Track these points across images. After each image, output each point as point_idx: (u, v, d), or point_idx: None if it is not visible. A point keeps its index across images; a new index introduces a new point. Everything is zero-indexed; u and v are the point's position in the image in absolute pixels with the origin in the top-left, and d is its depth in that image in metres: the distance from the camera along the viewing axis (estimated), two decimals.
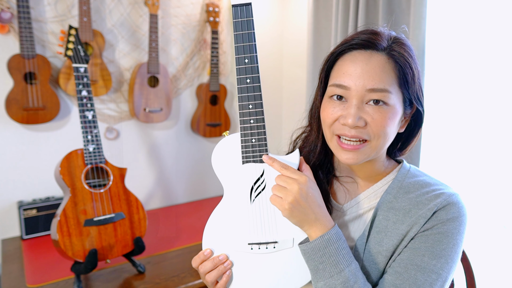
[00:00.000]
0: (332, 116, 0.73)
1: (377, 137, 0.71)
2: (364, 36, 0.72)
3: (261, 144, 0.74)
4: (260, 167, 0.75)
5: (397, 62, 0.71)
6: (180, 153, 2.31)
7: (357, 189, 0.82)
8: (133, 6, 2.00)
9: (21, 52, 1.67)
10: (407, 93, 0.72)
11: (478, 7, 1.47)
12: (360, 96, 0.70)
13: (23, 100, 1.70)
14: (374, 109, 0.70)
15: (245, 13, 0.71)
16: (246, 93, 0.72)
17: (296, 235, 0.75)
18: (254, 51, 0.71)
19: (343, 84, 0.71)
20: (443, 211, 0.71)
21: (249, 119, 0.73)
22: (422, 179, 0.77)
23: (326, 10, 2.06)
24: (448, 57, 1.58)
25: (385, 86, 0.69)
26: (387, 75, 0.70)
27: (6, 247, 1.74)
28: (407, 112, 0.75)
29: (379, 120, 0.69)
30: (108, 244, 1.41)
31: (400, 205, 0.75)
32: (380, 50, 0.71)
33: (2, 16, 1.66)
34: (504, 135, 1.45)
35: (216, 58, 2.19)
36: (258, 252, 0.76)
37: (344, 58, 0.73)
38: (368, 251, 0.75)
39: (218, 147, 0.77)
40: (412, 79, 0.72)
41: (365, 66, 0.70)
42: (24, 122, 1.72)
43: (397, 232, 0.73)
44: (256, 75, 0.72)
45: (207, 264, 0.76)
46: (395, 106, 0.71)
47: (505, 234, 1.48)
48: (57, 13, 1.82)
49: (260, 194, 0.75)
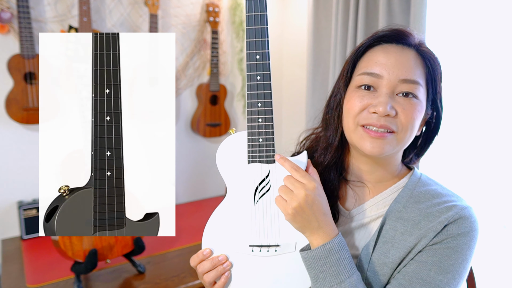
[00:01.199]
0: (360, 105, 0.70)
1: (405, 129, 0.69)
2: (396, 31, 0.72)
3: (268, 144, 0.71)
4: (266, 167, 0.72)
5: (427, 59, 0.72)
6: (180, 153, 2.31)
7: (366, 195, 0.79)
8: (133, 6, 2.00)
9: (21, 52, 1.67)
10: (432, 92, 0.73)
11: (478, 7, 1.47)
12: (392, 86, 0.69)
13: (23, 100, 1.70)
14: (405, 100, 0.69)
15: (259, 7, 0.68)
16: (255, 90, 0.69)
17: (299, 240, 0.73)
18: (267, 48, 0.68)
19: (375, 73, 0.70)
20: (454, 225, 0.69)
21: (257, 117, 0.70)
22: (433, 189, 0.75)
23: (326, 10, 2.06)
24: (448, 57, 1.58)
25: (417, 79, 0.69)
26: (418, 69, 0.70)
27: (6, 247, 1.74)
28: (428, 112, 0.75)
29: (410, 111, 0.68)
30: (108, 244, 1.41)
31: (409, 215, 0.72)
32: (411, 46, 0.72)
33: (2, 16, 1.66)
34: (504, 135, 1.45)
35: (216, 58, 2.19)
36: (258, 255, 0.74)
37: (375, 49, 0.73)
38: (373, 262, 0.72)
39: (224, 145, 0.74)
40: (439, 78, 0.73)
41: (399, 57, 0.70)
42: (24, 122, 1.72)
43: (405, 244, 0.70)
44: (267, 73, 0.69)
45: (206, 264, 0.74)
46: (422, 101, 0.71)
47: (505, 234, 1.48)
48: (57, 13, 1.82)
49: (264, 195, 0.73)
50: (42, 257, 1.62)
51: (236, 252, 0.75)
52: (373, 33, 0.75)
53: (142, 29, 2.04)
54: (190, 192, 2.38)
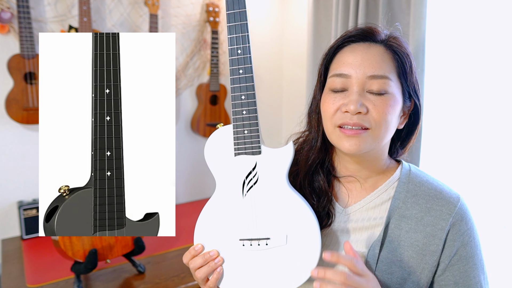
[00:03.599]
0: (334, 106, 0.72)
1: (378, 125, 0.70)
2: (361, 29, 0.74)
3: (253, 135, 0.72)
4: (252, 159, 0.73)
5: (395, 52, 0.73)
6: (180, 153, 2.31)
7: (359, 191, 0.80)
8: (133, 6, 2.00)
9: (21, 52, 1.67)
10: (406, 85, 0.73)
11: (478, 7, 1.47)
12: (361, 84, 0.70)
13: (23, 100, 1.70)
14: (375, 96, 0.70)
15: (238, 4, 0.70)
16: (238, 84, 0.71)
17: (289, 232, 0.72)
18: (247, 42, 0.70)
19: (344, 73, 0.71)
20: (462, 222, 0.74)
21: (241, 110, 0.72)
22: (425, 180, 0.78)
23: (326, 10, 2.06)
24: (448, 57, 1.58)
25: (385, 73, 0.70)
26: (386, 63, 0.71)
27: (6, 247, 1.74)
28: (406, 105, 0.76)
29: (380, 106, 0.69)
30: (108, 244, 1.41)
31: (411, 212, 0.74)
32: (378, 42, 0.73)
33: (2, 16, 1.66)
34: (505, 135, 1.45)
35: (216, 58, 2.19)
36: (250, 249, 0.74)
37: (344, 50, 0.75)
38: (381, 261, 0.73)
39: (211, 139, 0.75)
40: (410, 70, 0.73)
41: (365, 55, 0.71)
42: (24, 122, 1.72)
43: (411, 242, 0.73)
44: (248, 66, 0.71)
45: (197, 260, 0.74)
46: (395, 94, 0.71)
47: (505, 234, 1.48)
48: (57, 13, 1.82)
49: (252, 188, 0.73)
50: (42, 257, 1.62)
51: (227, 247, 0.75)
52: (342, 34, 0.77)
53: (142, 29, 2.04)
54: (190, 192, 2.38)
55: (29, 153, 1.84)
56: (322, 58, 0.78)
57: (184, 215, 2.13)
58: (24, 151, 1.83)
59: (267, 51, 2.52)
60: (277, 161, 0.73)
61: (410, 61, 0.74)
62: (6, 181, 1.81)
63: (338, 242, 0.77)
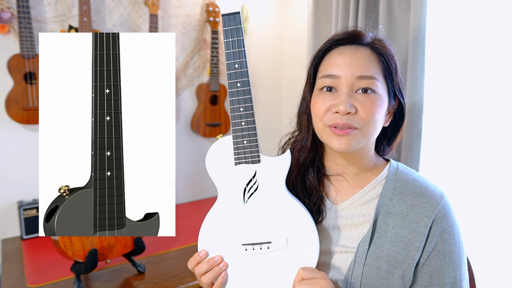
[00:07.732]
0: (324, 107, 0.75)
1: (366, 124, 0.73)
2: (348, 33, 0.78)
3: (252, 145, 0.76)
4: (252, 168, 0.77)
5: (381, 54, 0.77)
6: (180, 153, 2.31)
7: (348, 189, 0.84)
8: (133, 6, 2.00)
9: (21, 52, 1.67)
10: (391, 85, 0.77)
11: (478, 7, 1.47)
12: (350, 84, 0.74)
13: (23, 100, 1.70)
14: (363, 96, 0.74)
15: (234, 21, 0.74)
16: (237, 96, 0.75)
17: (289, 235, 0.76)
18: (244, 57, 0.74)
19: (333, 74, 0.75)
20: (443, 220, 0.76)
21: (240, 121, 0.75)
22: (412, 178, 0.81)
23: (326, 10, 2.06)
24: (448, 57, 1.58)
25: (373, 74, 0.74)
26: (373, 65, 0.75)
27: (6, 247, 1.74)
28: (392, 104, 0.80)
29: (368, 106, 0.73)
30: (108, 244, 1.41)
31: (397, 209, 0.77)
32: (365, 45, 0.78)
33: (2, 16, 1.66)
34: (504, 135, 1.45)
35: (216, 58, 2.19)
36: (252, 253, 0.77)
37: (332, 53, 0.79)
38: (369, 256, 0.76)
39: (211, 150, 0.79)
40: (395, 70, 0.78)
41: (353, 57, 0.75)
42: (24, 122, 1.72)
43: (397, 238, 0.76)
44: (246, 79, 0.74)
45: (203, 266, 0.77)
46: (382, 95, 0.75)
47: (505, 234, 1.48)
48: (57, 13, 1.82)
49: (253, 195, 0.77)
50: (42, 257, 1.62)
51: (231, 252, 0.78)
52: (329, 37, 0.81)
53: (142, 29, 2.04)
54: (190, 192, 2.38)
55: (29, 153, 1.84)
56: (311, 61, 0.82)
57: (184, 215, 2.14)
58: (24, 151, 1.83)
59: (267, 51, 2.52)
60: (276, 169, 0.77)
61: (395, 62, 0.78)
62: (6, 181, 1.81)
63: (330, 238, 0.81)
